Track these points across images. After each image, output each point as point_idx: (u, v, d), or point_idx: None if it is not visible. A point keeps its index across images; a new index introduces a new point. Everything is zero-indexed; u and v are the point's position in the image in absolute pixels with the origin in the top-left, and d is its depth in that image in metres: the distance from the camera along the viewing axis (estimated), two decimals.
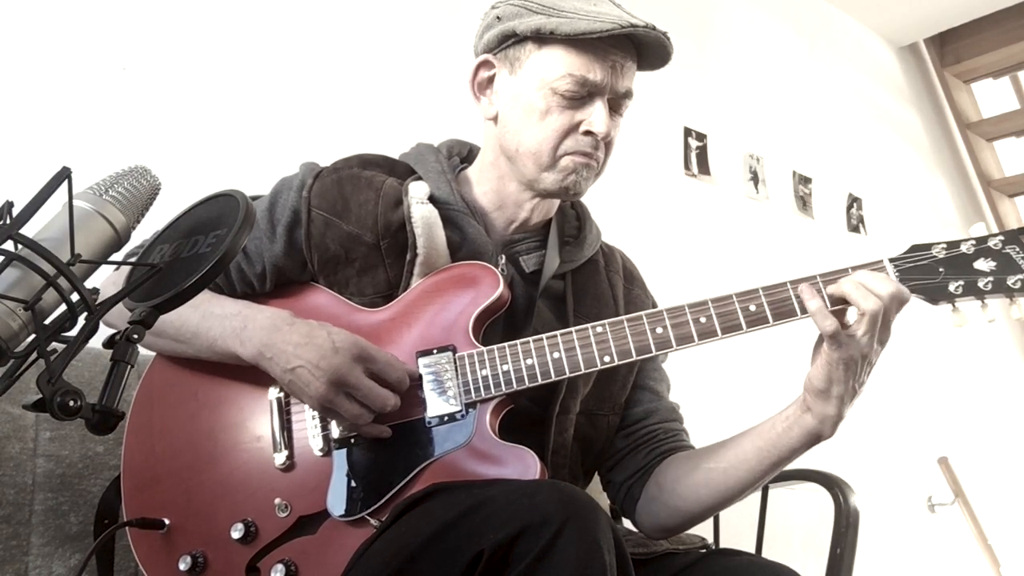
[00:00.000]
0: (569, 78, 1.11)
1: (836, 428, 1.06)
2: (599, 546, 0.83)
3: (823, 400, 1.05)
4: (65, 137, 1.67)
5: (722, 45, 3.13)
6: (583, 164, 1.14)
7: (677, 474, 1.18)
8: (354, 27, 2.15)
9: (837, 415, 1.05)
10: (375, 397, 1.04)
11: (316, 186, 1.16)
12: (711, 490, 1.14)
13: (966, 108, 4.07)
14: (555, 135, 1.13)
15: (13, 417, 1.27)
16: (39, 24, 1.70)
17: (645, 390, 1.27)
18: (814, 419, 1.06)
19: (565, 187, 1.15)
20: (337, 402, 1.04)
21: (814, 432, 1.07)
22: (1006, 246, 1.04)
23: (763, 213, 3.10)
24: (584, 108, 1.13)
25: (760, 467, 1.11)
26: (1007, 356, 4.07)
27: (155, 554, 1.10)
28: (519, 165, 1.16)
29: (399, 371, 1.06)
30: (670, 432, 1.25)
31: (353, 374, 1.03)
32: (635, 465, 1.23)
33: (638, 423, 1.25)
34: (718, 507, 1.17)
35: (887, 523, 3.05)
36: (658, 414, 1.26)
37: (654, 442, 1.24)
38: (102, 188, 0.75)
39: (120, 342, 0.71)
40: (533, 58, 1.14)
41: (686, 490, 1.16)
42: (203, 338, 1.11)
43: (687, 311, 1.06)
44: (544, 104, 1.12)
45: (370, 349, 1.05)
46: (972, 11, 3.76)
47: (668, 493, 1.18)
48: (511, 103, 1.16)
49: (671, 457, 1.21)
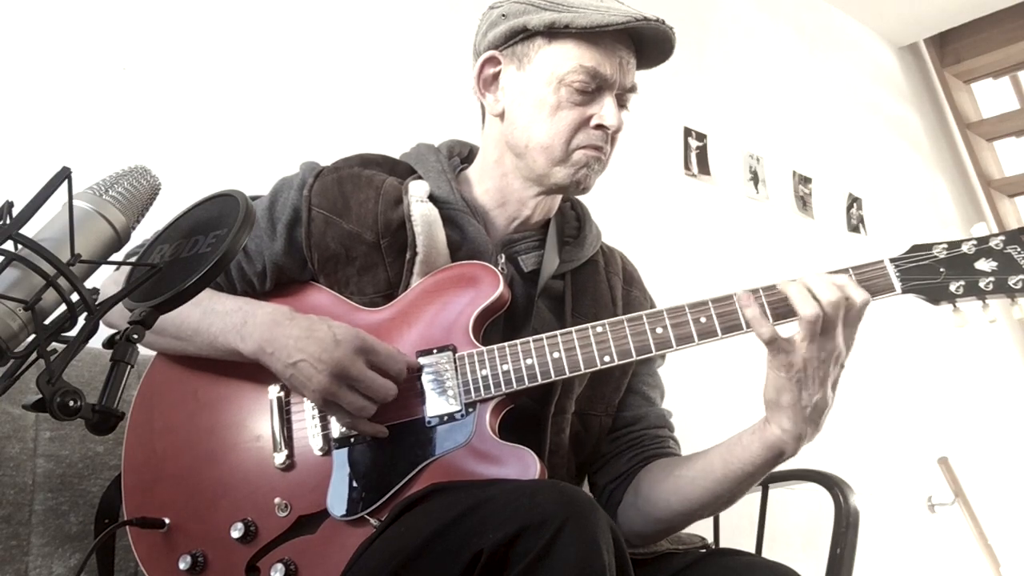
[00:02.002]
0: (582, 70, 1.12)
1: (799, 444, 1.03)
2: (598, 546, 0.83)
3: (777, 412, 1.02)
4: (65, 137, 1.67)
5: (722, 45, 3.13)
6: (594, 158, 1.15)
7: (651, 481, 1.18)
8: (354, 27, 2.15)
9: (795, 430, 1.02)
10: (378, 388, 1.04)
11: (316, 185, 1.17)
12: (680, 499, 1.13)
13: (966, 108, 4.07)
14: (567, 129, 1.14)
15: (13, 417, 1.27)
16: (39, 24, 1.70)
17: (637, 395, 1.27)
18: (773, 434, 1.04)
19: (576, 181, 1.16)
20: (340, 394, 1.03)
21: (775, 446, 1.04)
22: (1007, 246, 1.03)
23: (763, 213, 3.10)
24: (594, 103, 1.14)
25: (725, 479, 1.09)
26: (1007, 356, 4.07)
27: (155, 553, 1.10)
28: (528, 160, 1.17)
29: (400, 363, 1.06)
30: (656, 438, 1.24)
31: (355, 366, 1.03)
32: (617, 469, 1.22)
33: (626, 427, 1.25)
34: (688, 516, 1.14)
35: (887, 523, 3.05)
36: (647, 420, 1.26)
37: (639, 447, 1.23)
38: (102, 188, 0.75)
39: (120, 342, 0.71)
40: (542, 53, 1.15)
41: (657, 497, 1.15)
42: (204, 335, 1.11)
43: (687, 311, 1.06)
44: (555, 99, 1.13)
45: (371, 341, 1.05)
46: (972, 11, 3.76)
47: (643, 499, 1.17)
48: (519, 99, 1.17)
49: (651, 464, 1.21)
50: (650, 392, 1.28)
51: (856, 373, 3.03)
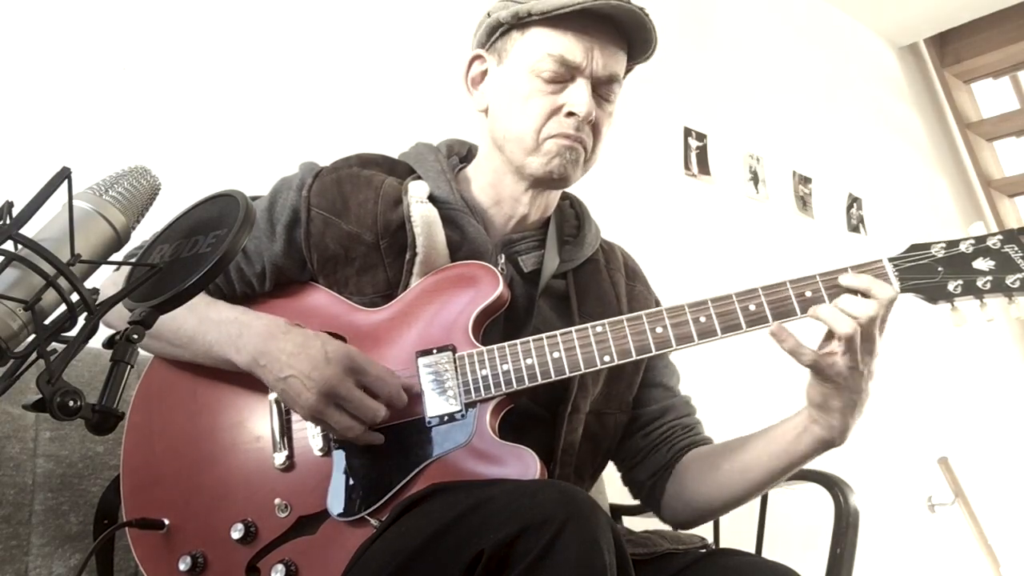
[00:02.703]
0: (548, 58, 1.12)
1: (847, 435, 1.09)
2: (599, 546, 0.83)
3: (825, 413, 1.07)
4: (65, 137, 1.67)
5: (722, 45, 3.13)
6: (567, 147, 1.14)
7: (696, 473, 1.22)
8: (354, 27, 2.15)
9: (843, 425, 1.07)
10: (365, 410, 1.04)
11: (315, 185, 1.16)
12: (724, 491, 1.19)
13: (966, 108, 4.08)
14: (537, 118, 1.14)
15: (13, 417, 1.27)
16: (39, 24, 1.70)
17: (658, 387, 1.30)
18: (822, 430, 1.09)
19: (549, 171, 1.15)
20: (328, 413, 1.03)
21: (825, 440, 1.09)
22: (1005, 245, 1.04)
23: (763, 213, 3.10)
24: (566, 91, 1.13)
25: (772, 472, 1.15)
26: (1007, 356, 4.07)
27: (155, 554, 1.10)
28: (508, 153, 1.17)
29: (391, 385, 1.06)
30: (687, 427, 1.28)
31: (344, 386, 1.03)
32: (656, 463, 1.26)
33: (655, 421, 1.28)
34: (731, 505, 1.21)
35: (887, 523, 3.04)
36: (674, 410, 1.29)
37: (673, 439, 1.27)
38: (102, 188, 0.75)
39: (120, 342, 0.71)
40: (517, 45, 1.16)
41: (704, 490, 1.21)
42: (199, 343, 1.11)
43: (687, 311, 1.06)
44: (527, 88, 1.14)
45: (362, 361, 1.05)
46: (972, 11, 3.76)
47: (689, 492, 1.22)
48: (498, 92, 1.18)
49: (690, 454, 1.25)
50: (669, 381, 1.31)
51: None
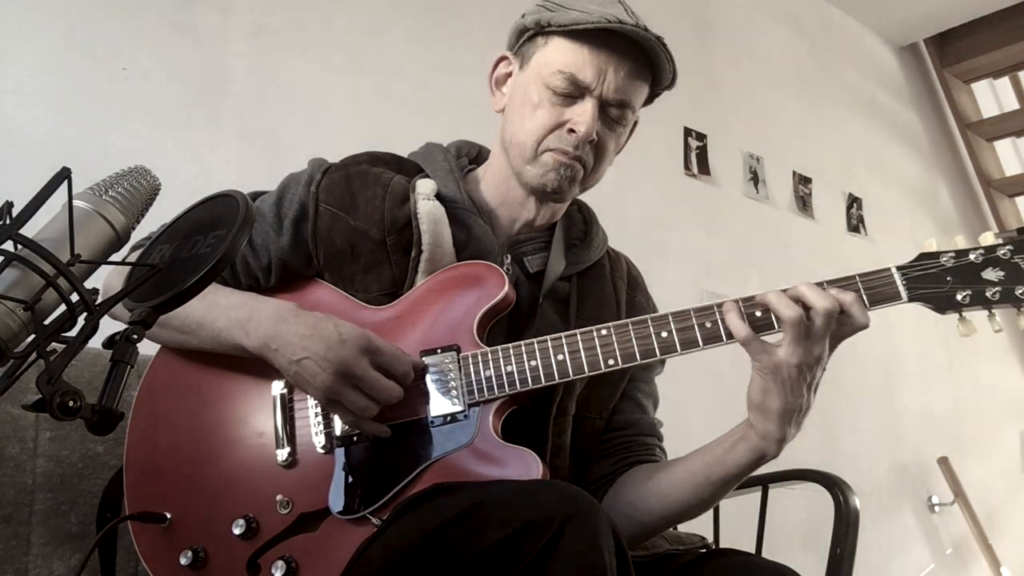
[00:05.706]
0: (559, 75, 1.12)
1: (780, 447, 1.04)
2: (599, 546, 0.83)
3: (763, 416, 1.03)
4: (65, 137, 1.67)
5: (722, 45, 3.13)
6: (563, 163, 1.14)
7: (632, 484, 1.18)
8: (357, 27, 2.15)
9: (780, 434, 1.02)
10: (381, 389, 1.03)
11: (324, 181, 1.17)
12: (660, 502, 1.13)
13: (966, 108, 4.08)
14: (540, 129, 1.13)
15: (13, 417, 1.27)
16: (39, 24, 1.70)
17: (631, 401, 1.27)
18: (758, 436, 1.04)
19: (543, 184, 1.15)
20: (343, 393, 1.03)
21: (758, 449, 1.04)
22: (1015, 256, 1.02)
23: (763, 213, 3.10)
24: (572, 108, 1.13)
25: (708, 482, 1.10)
26: (1007, 356, 4.07)
27: (156, 548, 1.10)
28: (511, 157, 1.18)
29: (405, 364, 1.06)
30: (644, 445, 1.25)
31: (360, 366, 1.03)
32: (601, 471, 1.23)
33: (617, 431, 1.25)
34: (668, 519, 1.15)
35: (887, 523, 3.05)
36: (637, 427, 1.26)
37: (626, 451, 1.23)
38: (102, 188, 0.75)
39: (120, 342, 0.71)
40: (539, 53, 1.16)
41: (638, 500, 1.16)
42: (208, 329, 1.11)
43: (692, 315, 1.05)
44: (537, 97, 1.14)
45: (376, 341, 1.05)
46: (972, 11, 3.76)
47: (623, 502, 1.17)
48: (515, 95, 1.18)
49: (633, 468, 1.21)
50: (643, 400, 1.28)
51: (856, 373, 3.03)
